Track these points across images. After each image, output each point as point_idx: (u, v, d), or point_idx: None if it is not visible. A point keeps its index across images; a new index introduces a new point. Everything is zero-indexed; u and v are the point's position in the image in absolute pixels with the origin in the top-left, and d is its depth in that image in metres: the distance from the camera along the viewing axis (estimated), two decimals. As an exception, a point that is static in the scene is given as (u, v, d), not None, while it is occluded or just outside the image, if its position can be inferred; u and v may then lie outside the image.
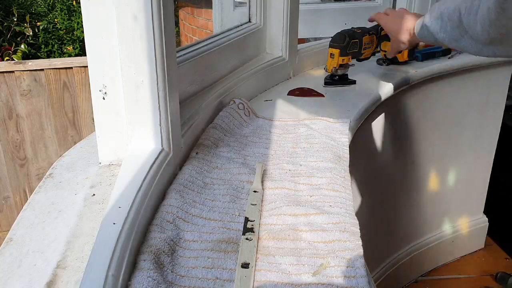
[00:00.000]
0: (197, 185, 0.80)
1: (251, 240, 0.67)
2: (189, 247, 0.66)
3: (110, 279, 0.52)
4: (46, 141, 2.41)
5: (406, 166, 1.77)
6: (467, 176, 1.99)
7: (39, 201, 0.71)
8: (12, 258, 0.60)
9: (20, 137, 2.38)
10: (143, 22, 0.69)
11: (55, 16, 3.13)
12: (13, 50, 2.86)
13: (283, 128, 1.06)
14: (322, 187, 0.81)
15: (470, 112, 1.87)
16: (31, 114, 2.36)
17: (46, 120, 2.38)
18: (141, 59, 0.71)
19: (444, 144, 1.85)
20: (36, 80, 2.32)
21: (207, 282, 0.60)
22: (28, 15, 3.00)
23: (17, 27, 2.93)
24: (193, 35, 3.26)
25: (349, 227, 0.70)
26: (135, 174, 0.70)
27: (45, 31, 3.06)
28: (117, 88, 0.74)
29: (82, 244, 0.61)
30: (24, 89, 2.32)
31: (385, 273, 1.83)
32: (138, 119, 0.75)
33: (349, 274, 0.61)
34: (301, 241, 0.68)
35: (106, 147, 0.78)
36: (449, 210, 2.03)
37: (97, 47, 0.72)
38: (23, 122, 2.36)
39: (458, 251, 2.13)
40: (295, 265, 0.63)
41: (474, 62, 1.71)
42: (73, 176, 0.78)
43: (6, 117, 2.34)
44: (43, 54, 3.05)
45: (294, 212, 0.74)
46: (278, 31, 1.37)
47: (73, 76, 2.35)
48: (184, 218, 0.71)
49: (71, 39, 3.10)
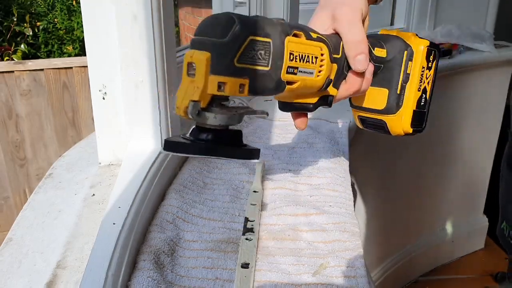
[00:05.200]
0: (197, 185, 0.80)
1: (251, 240, 0.66)
2: (189, 247, 0.66)
3: (110, 279, 0.52)
4: (46, 141, 2.41)
5: (406, 166, 1.76)
6: (467, 176, 1.99)
7: (39, 201, 0.71)
8: (11, 258, 0.59)
9: (19, 137, 2.37)
10: (143, 22, 0.69)
11: (55, 16, 3.13)
12: (13, 50, 2.85)
13: (283, 128, 1.06)
14: (322, 187, 0.81)
15: (470, 112, 1.87)
16: (31, 114, 2.35)
17: (45, 120, 2.38)
18: (140, 59, 0.71)
19: (444, 144, 1.85)
20: (36, 80, 2.32)
21: (207, 282, 0.59)
22: (28, 15, 3.00)
23: (17, 27, 2.93)
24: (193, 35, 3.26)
25: (349, 227, 0.70)
26: (135, 174, 0.70)
27: (45, 31, 3.06)
28: (116, 88, 0.74)
29: (82, 244, 0.61)
30: (24, 89, 2.31)
31: (385, 273, 1.83)
32: (138, 119, 0.75)
33: (349, 274, 0.61)
34: (301, 241, 0.68)
35: (105, 147, 0.78)
36: (449, 210, 2.03)
37: (97, 47, 0.72)
38: (23, 122, 2.36)
39: (458, 251, 2.13)
40: (295, 265, 0.63)
41: (475, 62, 1.71)
42: (73, 176, 0.78)
43: (5, 117, 2.33)
44: (43, 54, 3.05)
45: (294, 212, 0.74)
46: (278, 31, 1.37)
47: (73, 76, 2.35)
48: (184, 218, 0.71)
49: (71, 39, 3.09)
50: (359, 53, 0.56)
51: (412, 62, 0.61)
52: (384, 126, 0.65)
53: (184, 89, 0.47)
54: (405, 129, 0.64)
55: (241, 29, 0.46)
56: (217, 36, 0.46)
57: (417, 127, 0.64)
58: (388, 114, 0.64)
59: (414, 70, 0.61)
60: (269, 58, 0.48)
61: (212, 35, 0.46)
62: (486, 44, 1.73)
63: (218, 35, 0.46)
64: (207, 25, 0.48)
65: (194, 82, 0.46)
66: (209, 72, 0.46)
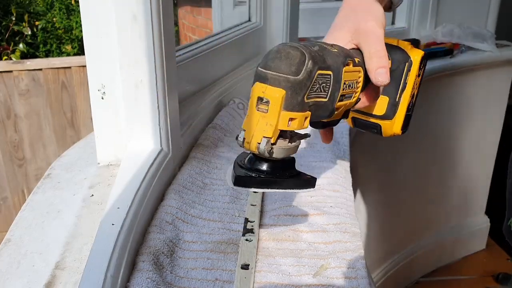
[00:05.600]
0: (197, 185, 0.79)
1: (251, 241, 0.66)
2: (189, 248, 0.65)
3: (109, 280, 0.51)
4: (45, 141, 2.41)
5: (407, 167, 1.76)
6: (468, 177, 1.99)
7: (37, 201, 0.71)
8: (10, 259, 0.59)
9: (18, 137, 2.37)
10: (143, 22, 0.69)
11: (53, 15, 3.13)
12: (12, 50, 2.85)
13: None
14: (323, 187, 0.81)
15: (472, 112, 1.87)
16: (30, 114, 2.35)
17: (44, 120, 2.38)
18: (140, 59, 0.71)
19: (445, 144, 1.85)
20: (35, 79, 2.31)
21: (207, 283, 0.59)
22: (27, 14, 3.00)
23: (16, 26, 2.93)
24: (192, 34, 3.26)
25: (349, 227, 0.70)
26: (134, 175, 0.69)
27: (43, 31, 3.06)
28: (116, 87, 0.73)
29: (81, 245, 0.61)
30: (23, 88, 2.31)
31: (386, 274, 1.83)
32: (137, 119, 0.75)
33: (350, 275, 0.61)
34: (302, 242, 0.67)
35: (104, 147, 0.78)
36: (450, 210, 2.03)
37: (96, 46, 0.71)
38: (21, 122, 2.35)
39: (459, 252, 2.13)
40: (295, 266, 0.63)
41: (476, 62, 1.71)
42: (72, 177, 0.77)
43: (4, 117, 2.33)
44: (42, 53, 3.04)
45: (294, 212, 0.73)
46: (278, 30, 1.37)
47: (71, 75, 2.34)
48: (183, 219, 0.70)
49: (69, 38, 3.09)
50: (380, 67, 0.57)
51: (410, 72, 0.64)
52: (377, 129, 0.68)
53: (254, 123, 0.48)
54: (396, 131, 0.67)
55: (313, 65, 0.47)
56: (292, 74, 0.46)
57: (405, 128, 0.68)
58: (385, 120, 0.67)
59: (411, 79, 0.64)
60: (328, 90, 0.50)
61: (287, 72, 0.46)
62: (488, 44, 1.73)
63: (293, 73, 0.46)
64: (279, 59, 0.47)
65: (266, 118, 0.47)
66: (282, 109, 0.46)
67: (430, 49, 1.61)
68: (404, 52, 0.64)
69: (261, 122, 0.47)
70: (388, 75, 0.57)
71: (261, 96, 0.47)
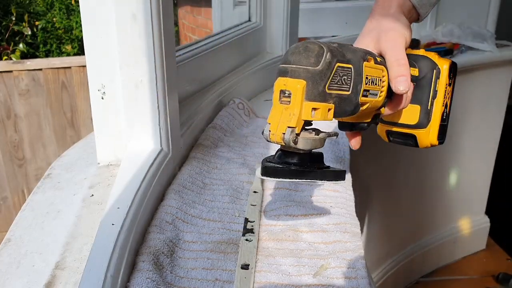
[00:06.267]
0: (197, 185, 0.79)
1: (251, 241, 0.66)
2: (189, 248, 0.65)
3: (109, 280, 0.51)
4: (45, 141, 2.40)
5: (407, 166, 1.76)
6: (468, 177, 1.99)
7: (37, 201, 0.71)
8: (10, 259, 0.59)
9: (18, 137, 2.37)
10: (142, 21, 0.69)
11: (53, 15, 3.13)
12: (12, 50, 2.85)
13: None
14: (323, 187, 0.81)
15: (472, 112, 1.86)
16: (30, 114, 2.35)
17: (44, 120, 2.37)
18: (140, 59, 0.71)
19: (445, 144, 1.84)
20: (35, 79, 2.31)
21: (207, 283, 0.59)
22: (27, 14, 3.00)
23: (16, 26, 2.93)
24: (192, 34, 3.26)
25: (350, 228, 0.70)
26: (134, 175, 0.69)
27: (43, 30, 3.06)
28: (116, 87, 0.73)
29: (81, 245, 0.61)
30: (23, 88, 2.31)
31: (386, 274, 1.83)
32: (137, 119, 0.75)
33: (350, 275, 0.61)
34: (302, 242, 0.67)
35: (104, 147, 0.78)
36: (450, 210, 2.03)
37: (96, 46, 0.71)
38: (21, 122, 2.35)
39: (460, 252, 2.12)
40: (295, 266, 0.62)
41: (476, 61, 1.70)
42: (72, 177, 0.77)
43: (4, 117, 2.33)
44: (42, 53, 3.04)
45: (295, 212, 0.73)
46: (278, 30, 1.37)
47: (71, 75, 2.34)
48: (183, 219, 0.70)
49: (69, 38, 3.09)
50: (400, 75, 0.58)
51: (439, 80, 0.66)
52: (414, 140, 0.69)
53: (277, 115, 0.49)
54: (432, 141, 0.69)
55: (332, 57, 0.49)
56: (311, 65, 0.48)
57: (441, 139, 0.70)
58: (419, 129, 0.68)
59: (441, 87, 0.66)
60: (350, 83, 0.51)
61: (306, 63, 0.48)
62: (488, 44, 1.72)
63: (312, 64, 0.48)
64: (298, 53, 0.49)
65: (289, 109, 0.49)
66: (304, 99, 0.48)
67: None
68: (431, 60, 0.66)
69: (284, 113, 0.49)
70: (408, 83, 0.58)
71: (283, 89, 0.49)
